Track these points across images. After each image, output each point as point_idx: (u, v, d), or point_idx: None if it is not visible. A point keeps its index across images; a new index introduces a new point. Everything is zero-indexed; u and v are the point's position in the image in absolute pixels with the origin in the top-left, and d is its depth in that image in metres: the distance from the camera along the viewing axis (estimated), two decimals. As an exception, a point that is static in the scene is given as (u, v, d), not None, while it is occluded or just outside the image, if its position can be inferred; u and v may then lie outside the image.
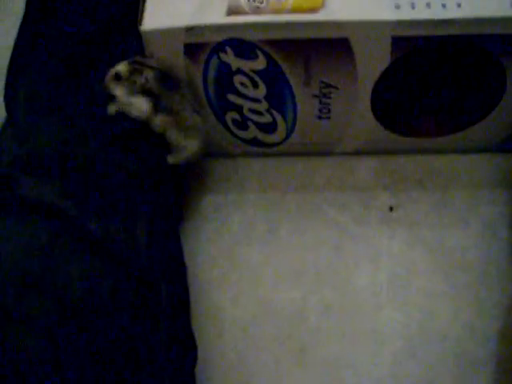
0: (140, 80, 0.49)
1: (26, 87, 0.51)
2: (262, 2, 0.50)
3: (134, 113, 0.49)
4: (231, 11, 0.49)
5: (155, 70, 0.50)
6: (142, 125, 0.50)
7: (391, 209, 0.58)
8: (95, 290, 0.42)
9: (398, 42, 0.49)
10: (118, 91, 0.49)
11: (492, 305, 0.53)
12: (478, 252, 0.56)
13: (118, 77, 0.49)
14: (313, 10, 0.49)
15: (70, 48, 0.53)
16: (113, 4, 0.55)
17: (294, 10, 0.49)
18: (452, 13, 0.48)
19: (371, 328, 0.53)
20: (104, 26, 0.54)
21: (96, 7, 0.56)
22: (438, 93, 0.56)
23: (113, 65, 0.51)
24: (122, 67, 0.49)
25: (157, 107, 0.50)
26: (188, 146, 0.52)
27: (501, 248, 0.56)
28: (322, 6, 0.49)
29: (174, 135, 0.51)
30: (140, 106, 0.49)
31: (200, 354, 0.50)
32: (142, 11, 0.50)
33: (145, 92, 0.49)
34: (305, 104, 0.55)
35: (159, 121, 0.50)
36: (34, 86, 0.51)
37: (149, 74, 0.49)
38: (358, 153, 0.61)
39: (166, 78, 0.50)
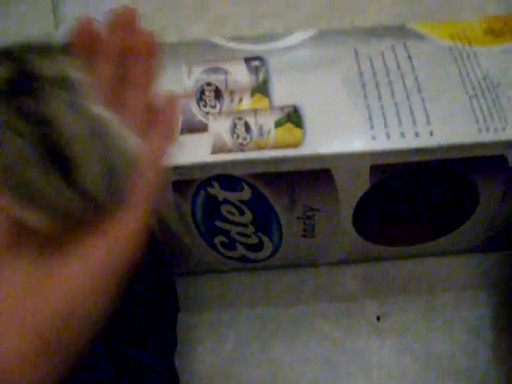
0: None
1: None
2: (245, 139, 0.52)
3: None
4: (216, 149, 0.52)
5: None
6: None
7: (378, 318, 0.60)
8: None
9: (375, 170, 0.52)
10: None
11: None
12: (464, 357, 0.58)
13: None
14: (294, 144, 0.51)
15: None
16: None
17: (276, 146, 0.51)
18: (425, 141, 0.51)
19: None
20: None
21: None
22: (416, 208, 0.58)
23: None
24: None
25: None
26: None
27: (486, 352, 0.58)
28: (302, 140, 0.51)
29: None
30: None
31: None
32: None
33: None
34: (289, 226, 0.57)
35: None
36: None
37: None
38: (342, 262, 0.63)
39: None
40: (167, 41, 0.60)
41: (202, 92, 0.55)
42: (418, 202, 0.59)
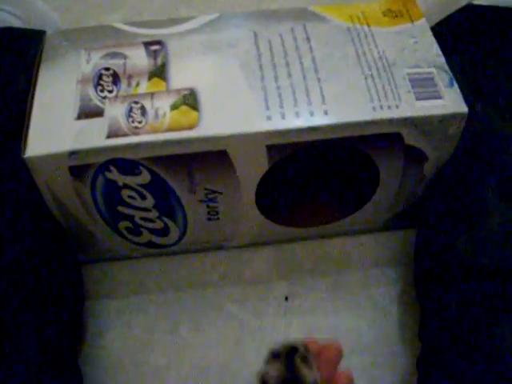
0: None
1: None
2: (140, 122, 0.52)
3: None
4: (111, 133, 0.51)
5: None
6: None
7: (287, 298, 0.61)
8: None
9: (272, 150, 0.52)
10: None
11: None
12: (371, 333, 0.59)
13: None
14: (189, 126, 0.51)
15: None
16: None
17: (171, 129, 0.51)
18: (319, 120, 0.52)
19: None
20: None
21: None
22: (318, 187, 0.59)
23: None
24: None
25: None
26: None
27: (393, 328, 0.59)
28: (198, 122, 0.51)
29: None
30: None
31: None
32: (25, 137, 0.52)
33: None
34: (193, 209, 0.57)
35: None
36: None
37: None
38: (251, 245, 0.63)
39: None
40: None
41: (100, 77, 0.55)
42: (320, 182, 0.59)
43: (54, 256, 0.55)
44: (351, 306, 0.61)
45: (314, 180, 0.61)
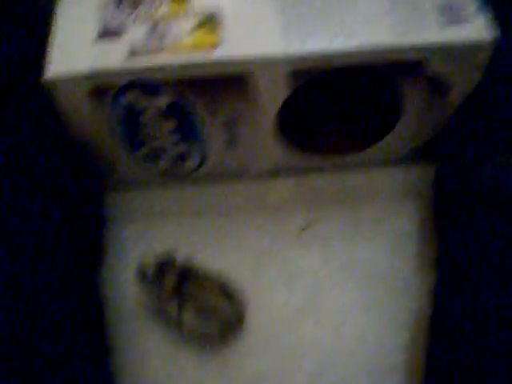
0: (164, 283, 0.54)
1: None
2: (161, 43, 0.51)
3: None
4: (132, 54, 0.51)
5: (178, 269, 0.54)
6: None
7: (306, 227, 0.61)
8: None
9: (295, 74, 0.52)
10: (145, 290, 0.55)
11: (399, 319, 0.56)
12: (387, 266, 0.59)
13: (143, 275, 0.54)
14: (211, 48, 0.51)
15: None
16: (11, 59, 0.55)
17: (193, 50, 0.51)
18: (342, 45, 0.51)
19: (286, 346, 0.55)
20: (4, 76, 0.54)
21: None
22: (340, 114, 0.58)
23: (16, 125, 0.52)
24: (146, 269, 0.54)
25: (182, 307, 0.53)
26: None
27: (408, 261, 0.59)
28: (219, 44, 0.51)
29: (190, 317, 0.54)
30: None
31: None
32: (45, 59, 0.51)
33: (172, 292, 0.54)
34: (213, 134, 0.57)
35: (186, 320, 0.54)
36: None
37: (172, 276, 0.54)
38: (272, 174, 0.63)
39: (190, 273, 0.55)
40: None
41: (121, -2, 0.54)
42: (340, 111, 0.59)
43: (74, 181, 0.55)
44: (368, 238, 0.61)
45: (335, 109, 0.60)
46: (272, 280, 0.59)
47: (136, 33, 0.52)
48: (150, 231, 0.61)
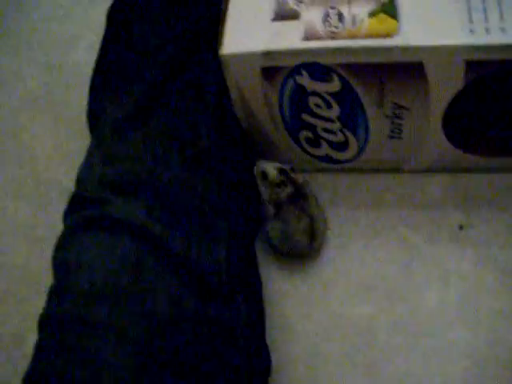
0: (281, 194, 0.57)
1: (111, 112, 0.54)
2: (337, 27, 0.51)
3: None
4: (307, 36, 0.51)
5: (297, 185, 0.58)
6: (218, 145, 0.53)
7: (461, 227, 0.59)
8: (179, 305, 0.44)
9: (471, 66, 0.50)
10: (263, 189, 0.58)
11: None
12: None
13: (264, 176, 0.57)
14: (387, 34, 0.50)
15: (151, 71, 0.56)
16: (190, 25, 0.58)
17: (369, 35, 0.50)
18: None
19: (439, 346, 0.54)
20: (183, 48, 0.57)
21: (174, 29, 0.58)
22: (510, 113, 0.56)
23: (196, 87, 0.53)
24: (271, 173, 0.57)
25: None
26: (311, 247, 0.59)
27: None
28: (396, 31, 0.50)
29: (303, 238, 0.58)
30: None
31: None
32: (221, 35, 0.52)
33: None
34: (377, 124, 0.56)
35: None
36: (118, 110, 0.54)
37: (290, 190, 0.57)
38: (428, 170, 0.61)
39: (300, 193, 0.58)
40: None
41: (297, -19, 0.54)
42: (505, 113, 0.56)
43: (233, 155, 0.56)
44: (529, 242, 0.58)
45: (503, 107, 0.57)
46: (422, 279, 0.57)
47: (312, 16, 0.52)
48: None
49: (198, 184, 0.51)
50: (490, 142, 0.59)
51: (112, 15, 0.64)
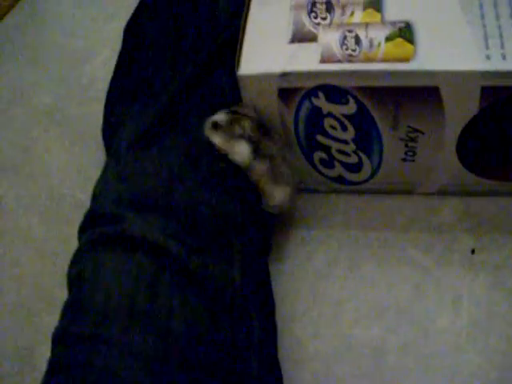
0: (238, 130, 0.51)
1: (127, 128, 0.55)
2: (354, 50, 0.51)
3: (236, 158, 0.52)
4: (324, 59, 0.51)
5: (252, 119, 0.53)
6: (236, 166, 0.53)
7: (473, 251, 0.59)
8: (194, 323, 0.44)
9: (487, 92, 0.50)
10: (217, 139, 0.52)
11: None
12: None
13: (215, 126, 0.53)
14: (404, 59, 0.50)
15: (167, 87, 0.56)
16: (207, 43, 0.58)
17: (386, 59, 0.51)
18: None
19: (450, 370, 0.54)
20: (200, 65, 0.57)
21: (191, 46, 0.59)
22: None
23: (211, 105, 0.54)
24: (220, 117, 0.53)
25: (255, 153, 0.52)
26: (278, 195, 0.54)
27: None
28: (413, 55, 0.50)
29: (266, 184, 0.53)
30: (241, 150, 0.52)
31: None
32: (239, 56, 0.53)
33: (243, 138, 0.52)
34: (391, 147, 0.56)
35: (257, 167, 0.52)
36: (134, 126, 0.54)
37: (246, 123, 0.52)
38: (441, 193, 0.62)
39: (262, 126, 0.53)
40: None
41: (313, 4, 0.55)
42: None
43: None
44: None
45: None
46: (433, 302, 0.57)
47: (329, 39, 0.53)
48: (312, 238, 0.62)
49: (213, 201, 0.51)
50: (504, 167, 0.59)
51: (129, 31, 0.64)
